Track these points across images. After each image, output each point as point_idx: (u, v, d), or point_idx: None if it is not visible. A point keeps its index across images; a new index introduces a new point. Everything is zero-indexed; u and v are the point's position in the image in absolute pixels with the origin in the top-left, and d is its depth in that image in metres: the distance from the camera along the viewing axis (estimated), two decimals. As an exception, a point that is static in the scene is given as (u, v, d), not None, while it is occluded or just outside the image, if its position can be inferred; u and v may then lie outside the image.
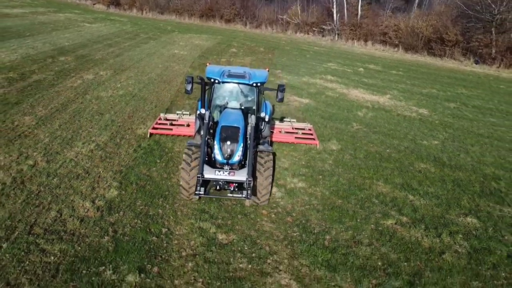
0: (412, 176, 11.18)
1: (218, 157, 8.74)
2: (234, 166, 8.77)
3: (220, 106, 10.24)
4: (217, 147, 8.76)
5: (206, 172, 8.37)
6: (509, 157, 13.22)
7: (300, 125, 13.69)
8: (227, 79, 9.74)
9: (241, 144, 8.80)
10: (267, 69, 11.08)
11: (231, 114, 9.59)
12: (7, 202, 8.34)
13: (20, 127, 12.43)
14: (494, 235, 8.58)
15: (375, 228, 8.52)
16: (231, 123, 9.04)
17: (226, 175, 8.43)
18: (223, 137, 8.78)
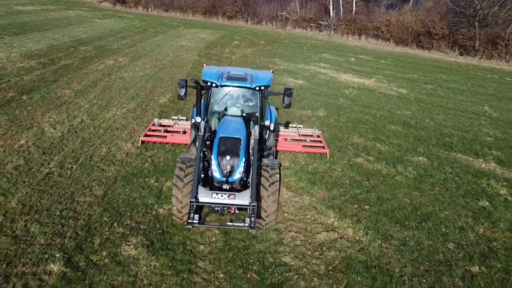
0: (382, 133, 13.91)
1: (215, 175, 7.39)
2: (234, 184, 7.48)
3: (218, 113, 9.00)
4: (214, 163, 7.41)
5: (201, 195, 6.97)
6: (466, 122, 15.97)
7: (307, 131, 12.54)
8: (226, 82, 8.46)
9: (243, 158, 7.45)
10: (271, 70, 9.58)
11: (231, 122, 8.22)
12: (68, 144, 11.08)
13: (62, 97, 15.16)
14: (437, 167, 11.33)
15: (347, 163, 11.25)
16: (231, 134, 7.72)
17: (225, 199, 7.01)
18: (221, 151, 7.46)
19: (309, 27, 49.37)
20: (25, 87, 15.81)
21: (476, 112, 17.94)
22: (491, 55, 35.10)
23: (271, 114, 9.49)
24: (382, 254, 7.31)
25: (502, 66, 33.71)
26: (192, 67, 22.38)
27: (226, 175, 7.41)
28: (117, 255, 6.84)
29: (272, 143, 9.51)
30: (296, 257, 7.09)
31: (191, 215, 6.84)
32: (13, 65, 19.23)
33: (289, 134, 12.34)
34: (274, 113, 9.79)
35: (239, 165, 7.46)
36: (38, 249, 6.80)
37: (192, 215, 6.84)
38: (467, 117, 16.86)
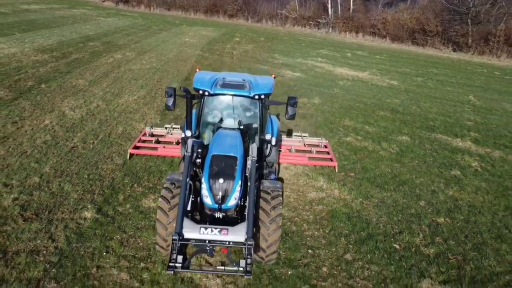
0: (371, 117, 15.22)
1: (206, 201, 6.24)
2: (229, 212, 6.35)
3: (212, 125, 7.92)
4: (205, 186, 6.27)
5: (186, 230, 5.75)
6: (450, 109, 17.28)
7: (313, 141, 11.55)
8: (220, 90, 7.40)
9: (239, 181, 6.32)
10: (273, 75, 8.52)
11: (226, 137, 7.15)
12: (87, 124, 12.39)
13: (78, 86, 16.47)
14: (418, 145, 12.65)
15: (337, 141, 12.55)
16: (226, 151, 6.64)
17: (216, 235, 5.76)
18: (214, 172, 6.35)
19: (308, 25, 50.68)
20: (42, 77, 17.12)
21: (461, 101, 19.25)
22: (483, 51, 36.39)
23: (272, 125, 8.35)
24: (362, 208, 8.61)
25: (493, 62, 35.01)
26: (196, 61, 23.69)
27: (219, 201, 6.17)
28: (139, 206, 8.15)
29: (274, 158, 8.24)
30: (289, 210, 8.40)
31: (174, 255, 5.48)
32: (28, 58, 20.52)
33: (293, 144, 11.23)
34: (277, 124, 8.71)
35: (234, 189, 6.23)
36: (73, 202, 8.11)
37: (174, 256, 5.47)
38: (451, 105, 18.16)
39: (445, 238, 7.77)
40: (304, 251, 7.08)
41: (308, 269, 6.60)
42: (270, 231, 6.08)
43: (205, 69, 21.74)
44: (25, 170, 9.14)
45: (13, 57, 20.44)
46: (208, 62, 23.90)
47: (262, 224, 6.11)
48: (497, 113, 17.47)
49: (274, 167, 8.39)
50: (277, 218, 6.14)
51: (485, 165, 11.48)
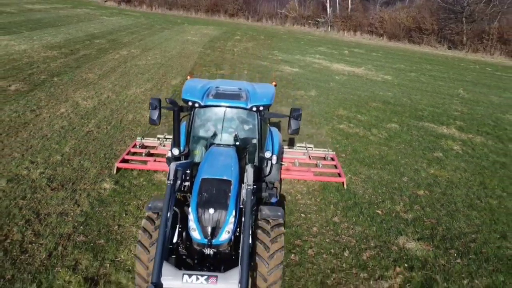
0: (364, 108, 16.23)
1: (194, 235, 5.30)
2: (221, 247, 5.38)
3: (205, 140, 6.99)
4: (192, 217, 5.31)
5: (166, 279, 4.82)
6: (439, 101, 18.31)
7: (319, 153, 10.70)
8: (213, 101, 6.55)
9: (233, 211, 5.37)
10: (273, 83, 7.71)
11: (218, 156, 6.22)
12: (100, 112, 13.40)
13: (88, 79, 17.49)
14: (406, 131, 13.67)
15: (331, 128, 13.56)
16: (218, 174, 5.72)
17: (203, 284, 4.86)
18: (203, 200, 5.40)
19: (307, 24, 51.70)
20: (54, 71, 18.15)
21: (451, 94, 20.26)
22: (477, 49, 37.40)
23: (273, 139, 7.56)
24: (351, 183, 9.62)
25: (486, 59, 36.02)
26: (198, 57, 24.70)
27: (209, 235, 5.22)
28: (151, 180, 9.16)
29: (274, 177, 7.17)
30: (285, 183, 9.40)
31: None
32: (38, 54, 21.54)
33: (297, 156, 10.35)
34: (277, 138, 7.90)
35: (228, 221, 5.25)
36: (92, 175, 9.13)
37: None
38: (441, 98, 19.18)
39: (423, 206, 8.78)
40: (297, 215, 8.08)
41: (301, 229, 7.60)
42: (270, 269, 5.08)
43: (206, 66, 23.15)
44: (47, 150, 10.15)
45: (24, 53, 21.45)
46: (210, 58, 24.90)
47: (260, 260, 5.12)
48: (483, 105, 18.49)
49: (274, 189, 7.05)
50: (279, 253, 5.17)
51: (466, 148, 12.51)
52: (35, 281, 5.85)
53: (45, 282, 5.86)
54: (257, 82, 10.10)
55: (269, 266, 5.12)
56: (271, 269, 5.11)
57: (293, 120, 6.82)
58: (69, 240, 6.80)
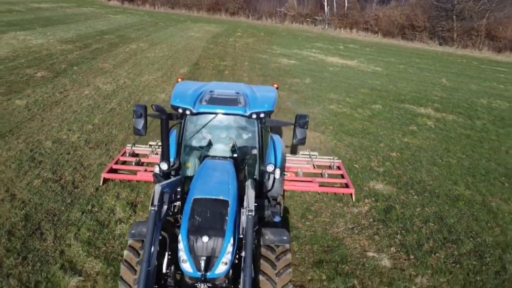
0: (353, 93, 18.13)
1: (185, 268, 4.51)
2: (218, 281, 4.59)
3: (198, 151, 6.30)
4: (183, 246, 4.53)
5: None
6: (422, 88, 20.23)
7: (324, 161, 9.96)
8: (206, 108, 5.73)
9: (230, 238, 4.59)
10: (275, 86, 6.90)
11: (213, 172, 5.44)
12: (119, 94, 15.26)
13: (104, 68, 19.38)
14: (387, 111, 15.57)
15: (322, 108, 15.46)
16: (212, 193, 4.96)
17: None
18: (195, 225, 4.64)
19: (305, 22, 53.62)
20: (72, 62, 20.04)
21: (434, 82, 22.17)
22: (466, 45, 39.32)
23: (275, 149, 6.69)
24: (335, 147, 11.51)
25: (474, 54, 37.94)
26: (202, 51, 26.59)
27: (203, 268, 4.47)
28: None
29: (278, 191, 6.51)
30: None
31: None
32: (55, 47, 23.44)
33: (300, 165, 9.56)
34: (280, 147, 6.98)
35: (225, 250, 4.51)
36: (121, 139, 11.02)
37: None
38: (424, 85, 21.09)
39: (393, 163, 10.67)
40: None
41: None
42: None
43: (210, 58, 25.09)
44: (80, 122, 12.05)
45: (41, 46, 23.34)
46: (213, 52, 26.79)
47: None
48: (462, 91, 20.40)
49: (278, 206, 6.24)
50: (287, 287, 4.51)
51: (438, 124, 14.42)
52: (89, 203, 7.76)
53: (97, 204, 7.76)
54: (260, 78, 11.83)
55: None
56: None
57: (299, 128, 5.87)
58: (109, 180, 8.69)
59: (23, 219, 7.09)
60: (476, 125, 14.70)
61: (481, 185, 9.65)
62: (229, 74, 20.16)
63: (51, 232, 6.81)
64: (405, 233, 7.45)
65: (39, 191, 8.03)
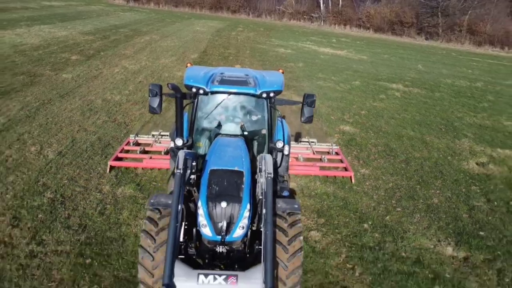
0: (338, 74, 21.46)
1: (205, 232, 4.88)
2: (235, 245, 5.06)
3: (209, 132, 6.55)
4: (203, 212, 4.90)
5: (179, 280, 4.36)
6: (398, 71, 23.59)
7: (323, 148, 10.46)
8: (218, 88, 6.00)
9: (247, 204, 4.98)
10: (280, 71, 6.96)
11: (227, 146, 5.82)
12: (143, 72, 18.58)
13: (126, 54, 22.69)
14: (364, 86, 18.92)
15: (310, 83, 18.78)
16: (228, 165, 5.33)
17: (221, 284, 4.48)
18: (213, 193, 5.01)
19: (302, 19, 56.99)
20: (98, 49, 23.35)
21: (411, 68, 25.54)
22: (450, 39, 42.70)
23: (283, 130, 6.97)
24: (318, 107, 14.81)
25: (456, 47, 41.33)
26: (208, 42, 29.93)
27: (222, 232, 4.85)
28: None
29: (285, 170, 6.99)
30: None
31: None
32: (79, 38, 26.74)
33: (300, 151, 10.06)
34: (287, 129, 7.47)
35: (242, 215, 4.92)
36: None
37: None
38: (401, 70, 24.45)
39: (361, 116, 14.00)
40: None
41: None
42: (289, 271, 4.73)
43: (216, 47, 28.55)
44: (118, 89, 15.35)
45: (67, 37, 26.64)
46: (218, 43, 30.13)
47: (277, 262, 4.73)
48: (433, 74, 23.75)
49: (286, 181, 6.83)
50: (298, 254, 4.80)
51: (404, 94, 17.76)
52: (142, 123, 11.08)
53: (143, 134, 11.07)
54: (259, 62, 15.04)
55: (288, 269, 4.69)
56: (290, 272, 4.70)
57: (306, 107, 6.31)
58: (148, 122, 11.99)
59: (97, 140, 10.41)
60: (435, 96, 18.04)
61: (424, 130, 13.00)
62: (233, 59, 23.45)
63: (116, 145, 10.12)
64: (360, 151, 10.79)
65: (102, 127, 11.36)
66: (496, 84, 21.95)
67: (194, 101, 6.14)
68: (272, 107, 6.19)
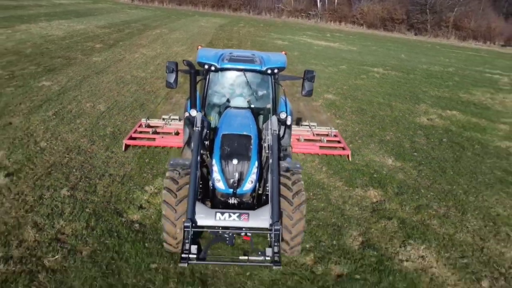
0: (328, 60, 24.56)
1: (219, 185, 5.63)
2: (245, 197, 5.76)
3: (218, 106, 7.22)
4: (216, 169, 5.65)
5: (200, 216, 5.15)
6: (383, 59, 26.69)
7: (322, 131, 11.11)
8: (228, 65, 6.72)
9: (255, 162, 5.71)
10: (283, 52, 7.82)
11: (236, 116, 6.57)
12: (160, 57, 21.65)
13: (142, 44, 25.76)
14: (350, 69, 22.00)
15: (303, 66, 21.82)
16: (238, 130, 6.05)
17: (235, 220, 5.17)
18: (226, 153, 5.75)
19: (300, 16, 60.09)
20: (116, 39, 26.41)
21: (394, 56, 28.64)
22: (437, 34, 45.78)
23: (286, 105, 7.29)
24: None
25: (442, 42, 44.42)
26: (213, 35, 33.04)
27: (234, 185, 5.58)
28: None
29: (287, 141, 7.48)
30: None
31: (186, 246, 4.89)
32: (96, 31, 29.78)
33: (302, 133, 10.78)
34: (289, 105, 7.85)
35: (251, 171, 5.63)
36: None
37: (187, 247, 4.87)
38: (385, 58, 27.55)
39: (343, 90, 17.06)
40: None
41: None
42: (294, 221, 5.38)
43: (220, 39, 31.64)
44: (141, 68, 18.40)
45: (85, 30, 29.67)
46: (222, 36, 33.20)
47: (283, 214, 5.31)
48: (412, 62, 26.85)
49: (288, 150, 7.50)
50: (301, 206, 5.41)
51: (382, 75, 20.84)
52: (166, 97, 14.12)
53: (168, 97, 14.12)
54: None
55: (293, 219, 5.33)
56: (294, 222, 5.32)
57: (306, 81, 7.12)
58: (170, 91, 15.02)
59: (134, 101, 13.46)
60: (409, 77, 21.13)
61: (392, 98, 16.10)
62: (236, 48, 26.52)
63: (146, 106, 13.15)
64: (337, 110, 13.88)
65: (135, 93, 14.41)
66: (466, 70, 25.04)
67: (206, 78, 6.92)
68: (276, 83, 7.00)
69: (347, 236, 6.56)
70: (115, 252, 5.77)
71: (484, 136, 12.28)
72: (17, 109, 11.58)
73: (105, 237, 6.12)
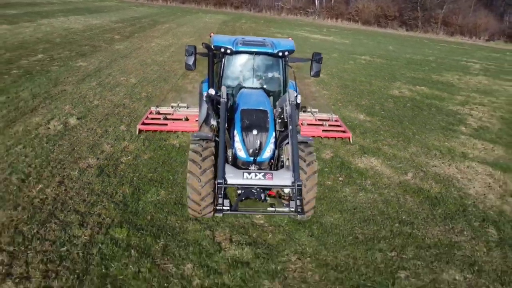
0: (322, 50, 27.33)
1: (240, 154, 6.29)
2: (263, 165, 6.45)
3: (232, 88, 7.66)
4: (238, 139, 6.32)
5: (229, 176, 5.80)
6: (371, 50, 29.60)
7: (324, 116, 11.82)
8: (242, 48, 7.33)
9: (272, 133, 6.40)
10: (290, 38, 8.36)
11: (251, 94, 7.21)
12: (171, 48, 24.57)
13: (154, 36, 28.68)
14: (341, 57, 24.93)
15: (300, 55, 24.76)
16: (255, 106, 6.69)
17: (261, 179, 5.83)
18: (246, 125, 6.36)
19: (299, 13, 63.04)
20: (131, 32, 29.34)
21: (382, 48, 31.54)
22: (427, 30, 48.69)
23: (295, 86, 8.13)
24: (301, 66, 20.82)
25: (431, 37, 47.33)
26: (218, 29, 35.95)
27: (253, 154, 6.23)
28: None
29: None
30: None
31: (219, 200, 5.58)
32: (111, 25, 32.68)
33: (305, 118, 11.42)
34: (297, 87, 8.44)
35: (269, 141, 6.30)
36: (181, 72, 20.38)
37: (221, 201, 5.59)
38: (374, 49, 30.46)
39: (332, 72, 19.96)
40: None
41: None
42: (307, 188, 5.98)
43: (225, 33, 34.68)
44: (159, 54, 21.31)
45: (101, 24, 32.57)
46: (226, 30, 36.11)
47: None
48: (398, 52, 29.76)
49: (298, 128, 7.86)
50: (313, 176, 6.01)
51: (368, 62, 23.76)
52: (182, 76, 17.05)
53: (184, 77, 17.04)
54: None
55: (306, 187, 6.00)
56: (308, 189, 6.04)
57: (314, 63, 7.94)
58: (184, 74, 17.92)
59: (158, 77, 16.38)
60: (391, 63, 24.07)
61: (372, 78, 19.02)
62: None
63: (168, 80, 16.08)
64: (325, 86, 16.81)
65: (158, 71, 17.34)
66: (446, 59, 27.96)
67: (222, 60, 7.49)
68: (286, 64, 7.61)
69: (323, 153, 9.50)
70: (166, 156, 8.74)
71: (442, 103, 15.24)
72: (67, 80, 14.53)
73: (157, 150, 9.07)
